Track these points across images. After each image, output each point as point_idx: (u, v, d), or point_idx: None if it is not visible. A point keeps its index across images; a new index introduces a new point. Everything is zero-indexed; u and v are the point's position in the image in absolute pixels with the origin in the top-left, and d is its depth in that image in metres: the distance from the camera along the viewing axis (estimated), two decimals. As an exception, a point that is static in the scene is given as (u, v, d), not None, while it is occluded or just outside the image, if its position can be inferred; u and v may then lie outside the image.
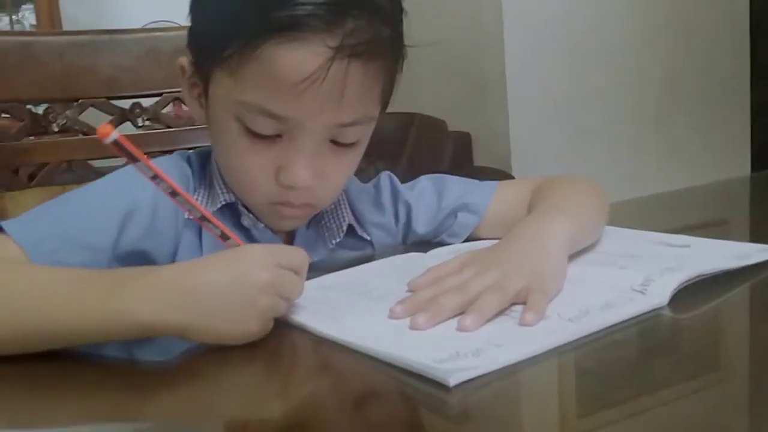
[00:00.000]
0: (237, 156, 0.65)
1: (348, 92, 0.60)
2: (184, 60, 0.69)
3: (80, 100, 1.10)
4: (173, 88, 1.16)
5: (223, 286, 0.50)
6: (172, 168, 0.69)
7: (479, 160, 2.31)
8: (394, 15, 0.64)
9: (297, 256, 0.55)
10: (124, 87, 1.12)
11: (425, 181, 0.80)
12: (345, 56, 0.58)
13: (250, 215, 0.70)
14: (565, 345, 0.48)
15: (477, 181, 0.81)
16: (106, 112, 1.12)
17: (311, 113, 0.61)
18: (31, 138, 1.10)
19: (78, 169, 1.10)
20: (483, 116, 2.31)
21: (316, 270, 0.63)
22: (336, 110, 0.61)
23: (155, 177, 0.52)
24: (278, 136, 0.63)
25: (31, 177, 1.11)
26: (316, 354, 0.53)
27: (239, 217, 0.70)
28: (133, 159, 0.50)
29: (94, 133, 1.11)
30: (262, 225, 0.70)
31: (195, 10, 0.66)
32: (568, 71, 2.35)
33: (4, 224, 0.59)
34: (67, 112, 1.10)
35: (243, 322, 0.50)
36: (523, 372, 0.46)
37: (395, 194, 0.79)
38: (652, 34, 2.50)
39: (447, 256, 0.72)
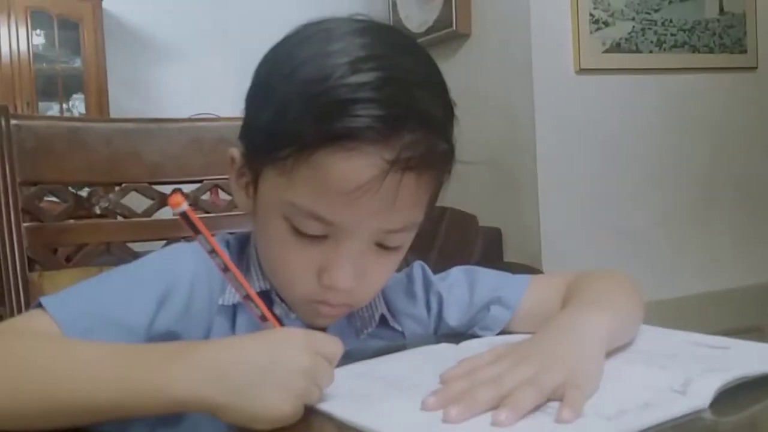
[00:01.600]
0: (280, 252, 0.66)
1: (399, 202, 0.61)
2: (235, 151, 0.70)
3: (123, 184, 1.13)
4: (213, 175, 1.20)
5: (261, 365, 0.50)
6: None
7: (509, 256, 2.31)
8: (447, 126, 0.65)
9: (333, 344, 0.55)
10: (166, 173, 1.16)
11: (457, 273, 0.80)
12: (400, 169, 0.59)
13: (283, 305, 0.70)
14: (603, 444, 0.47)
15: (509, 274, 0.81)
16: (148, 197, 1.16)
17: (361, 219, 0.62)
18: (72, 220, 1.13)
19: (116, 251, 1.12)
20: (514, 212, 2.32)
21: (346, 358, 0.62)
22: (386, 218, 0.62)
23: (212, 251, 0.54)
24: (324, 236, 0.63)
25: (69, 257, 1.13)
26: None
27: (272, 306, 0.70)
28: (195, 231, 0.53)
29: (134, 217, 1.14)
30: (294, 316, 0.70)
31: (252, 104, 0.68)
32: (600, 171, 2.37)
33: (43, 300, 0.60)
34: (110, 196, 1.13)
35: (277, 404, 0.50)
36: (560, 471, 0.44)
37: (427, 285, 0.79)
38: (685, 136, 2.53)
39: (479, 348, 0.71)
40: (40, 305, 0.61)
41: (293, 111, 0.61)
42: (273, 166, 0.63)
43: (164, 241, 1.16)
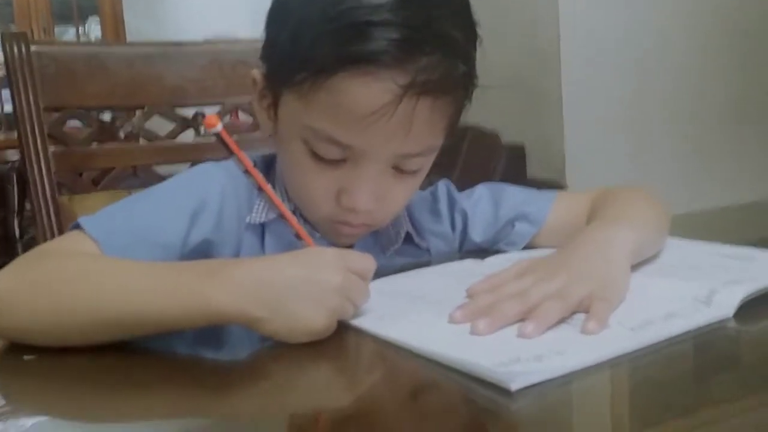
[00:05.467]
0: (300, 174, 0.67)
1: (415, 126, 0.61)
2: (257, 72, 0.70)
3: (145, 108, 1.14)
4: (234, 97, 1.19)
5: (298, 283, 0.52)
6: (239, 174, 0.71)
7: (533, 172, 2.29)
8: (468, 48, 0.64)
9: (366, 261, 0.57)
10: (187, 96, 1.16)
11: (482, 189, 0.81)
12: (414, 93, 0.59)
13: (308, 226, 0.71)
14: (627, 354, 0.48)
15: (535, 190, 0.81)
16: (170, 120, 1.16)
17: (377, 144, 0.62)
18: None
19: (142, 174, 1.13)
20: (537, 128, 2.29)
21: (373, 275, 0.64)
22: (401, 142, 0.62)
23: (247, 171, 0.56)
24: (342, 160, 0.64)
25: (95, 181, 1.15)
26: (377, 356, 0.54)
27: None
28: (230, 151, 0.55)
29: (158, 140, 1.15)
30: (318, 235, 0.72)
31: (271, 27, 0.67)
32: (626, 83, 2.32)
33: (81, 220, 0.62)
34: (133, 120, 1.14)
35: (312, 319, 0.52)
36: (584, 380, 0.45)
37: (452, 202, 0.79)
38: (714, 47, 2.45)
39: (504, 264, 0.72)
40: (77, 227, 0.62)
41: (310, 33, 0.60)
42: (291, 90, 0.64)
43: (189, 164, 1.17)
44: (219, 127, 0.54)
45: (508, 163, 2.18)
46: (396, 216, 0.73)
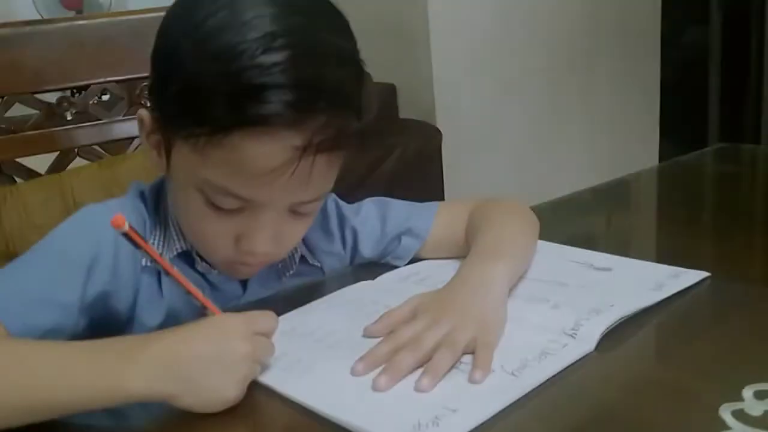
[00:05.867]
0: (196, 221, 0.67)
1: (312, 179, 0.63)
2: (144, 113, 0.69)
3: (5, 97, 1.07)
4: (100, 78, 1.14)
5: (207, 357, 0.55)
6: (129, 213, 0.70)
7: (404, 112, 2.33)
8: (360, 96, 0.65)
9: (269, 321, 0.60)
10: (48, 80, 1.09)
11: (369, 205, 0.84)
12: (312, 153, 0.60)
13: (204, 263, 0.73)
14: (512, 403, 0.55)
15: (418, 204, 0.86)
16: (33, 108, 1.10)
17: (275, 197, 0.64)
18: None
19: (7, 168, 1.07)
20: (407, 67, 2.32)
21: (271, 303, 0.67)
22: (299, 193, 0.65)
23: (154, 261, 0.59)
24: (240, 208, 0.65)
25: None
26: (286, 419, 0.57)
27: (194, 263, 0.73)
28: (138, 247, 0.58)
29: (21, 131, 1.09)
30: (216, 272, 0.74)
31: (160, 64, 0.66)
32: (490, 20, 2.38)
33: None
34: (-9, 110, 1.07)
35: (222, 391, 0.55)
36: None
37: (342, 220, 0.83)
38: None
39: (394, 284, 0.79)
40: None
41: (204, 90, 0.60)
42: (184, 141, 0.63)
43: (56, 153, 1.12)
44: (126, 227, 0.56)
45: (380, 104, 2.20)
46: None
